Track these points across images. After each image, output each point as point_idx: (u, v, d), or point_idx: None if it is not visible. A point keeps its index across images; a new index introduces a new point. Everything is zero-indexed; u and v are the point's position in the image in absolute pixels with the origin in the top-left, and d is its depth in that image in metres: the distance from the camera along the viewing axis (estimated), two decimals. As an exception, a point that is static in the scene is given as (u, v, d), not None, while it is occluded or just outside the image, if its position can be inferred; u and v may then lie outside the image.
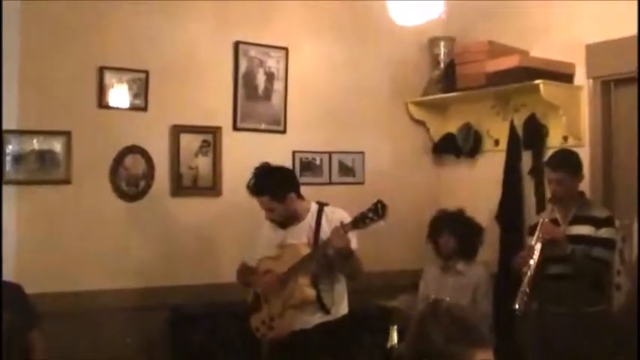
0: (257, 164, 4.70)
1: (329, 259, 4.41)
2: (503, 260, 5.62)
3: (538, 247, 4.43)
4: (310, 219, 4.56)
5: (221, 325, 5.10)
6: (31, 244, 4.66)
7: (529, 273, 4.38)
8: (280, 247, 4.56)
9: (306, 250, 4.43)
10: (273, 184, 4.54)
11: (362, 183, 6.18)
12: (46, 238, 4.85)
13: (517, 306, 4.34)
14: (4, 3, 4.68)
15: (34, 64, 4.86)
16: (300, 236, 4.53)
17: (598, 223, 4.51)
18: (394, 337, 3.35)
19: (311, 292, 4.41)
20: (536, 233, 4.48)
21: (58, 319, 4.49)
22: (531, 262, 4.39)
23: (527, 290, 4.35)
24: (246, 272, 4.74)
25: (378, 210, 4.19)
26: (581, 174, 4.68)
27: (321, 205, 4.63)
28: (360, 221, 4.24)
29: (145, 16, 5.25)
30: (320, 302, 4.45)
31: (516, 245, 5.36)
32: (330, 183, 5.99)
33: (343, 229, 4.26)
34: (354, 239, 4.46)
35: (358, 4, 6.08)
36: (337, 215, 4.54)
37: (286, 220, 4.58)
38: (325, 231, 4.47)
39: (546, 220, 4.52)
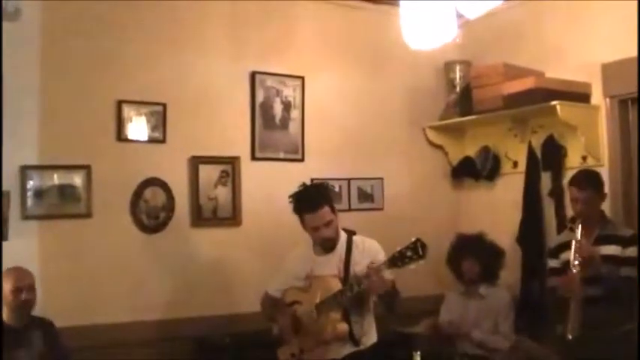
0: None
1: (361, 294, 4.30)
2: (525, 283, 5.59)
3: (578, 269, 4.32)
4: (340, 249, 4.45)
5: (244, 355, 5.07)
6: (53, 278, 4.67)
7: (577, 299, 4.28)
8: (308, 279, 4.46)
9: (336, 283, 4.30)
10: (328, 194, 4.50)
11: (381, 209, 6.19)
12: (67, 271, 4.87)
13: (570, 337, 4.25)
14: (23, 38, 4.75)
15: (53, 99, 4.91)
16: (330, 267, 4.41)
17: (624, 242, 4.44)
18: (418, 362, 3.34)
19: (344, 328, 4.31)
20: (572, 253, 4.36)
21: (80, 353, 4.48)
22: (575, 287, 4.31)
23: (579, 318, 4.27)
24: (271, 305, 4.66)
25: (418, 249, 4.04)
26: (604, 193, 4.64)
27: (350, 234, 4.52)
28: (398, 260, 4.08)
29: (162, 49, 5.30)
30: (351, 335, 4.36)
31: (538, 267, 5.33)
32: (350, 209, 5.98)
33: (378, 269, 4.14)
34: (387, 270, 4.37)
35: (372, 31, 6.11)
36: (369, 245, 4.46)
37: (336, 240, 4.44)
38: (357, 262, 4.37)
39: (579, 238, 4.43)
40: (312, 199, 4.39)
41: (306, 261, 4.53)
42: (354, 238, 4.51)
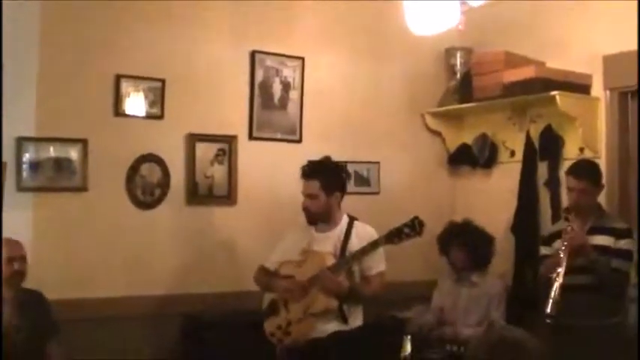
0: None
1: (352, 271, 4.43)
2: (519, 271, 5.60)
3: (565, 253, 4.34)
4: (340, 230, 4.56)
5: (236, 333, 5.07)
6: (46, 251, 4.67)
7: (559, 279, 4.29)
8: (304, 253, 4.55)
9: (330, 260, 4.42)
10: (328, 173, 4.57)
11: (377, 193, 6.17)
12: (62, 245, 4.86)
13: (549, 310, 4.22)
14: (22, 12, 4.71)
15: (51, 72, 4.88)
16: (326, 244, 4.53)
17: (618, 234, 4.46)
18: (407, 347, 3.35)
19: (333, 302, 4.40)
20: (562, 239, 4.39)
21: (73, 326, 4.49)
22: (559, 269, 4.32)
23: (559, 297, 4.27)
24: (265, 276, 4.73)
25: (415, 226, 4.19)
26: (602, 185, 4.65)
27: (352, 219, 4.63)
28: (394, 236, 4.23)
29: (161, 25, 5.27)
30: (340, 311, 4.44)
31: (532, 256, 5.34)
32: (346, 193, 5.95)
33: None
34: (382, 260, 4.45)
35: (375, 14, 6.08)
36: (367, 232, 4.55)
37: (319, 217, 4.56)
38: (354, 244, 4.46)
39: (570, 226, 4.45)
40: (311, 168, 4.59)
41: (304, 236, 4.65)
42: (355, 222, 4.62)
